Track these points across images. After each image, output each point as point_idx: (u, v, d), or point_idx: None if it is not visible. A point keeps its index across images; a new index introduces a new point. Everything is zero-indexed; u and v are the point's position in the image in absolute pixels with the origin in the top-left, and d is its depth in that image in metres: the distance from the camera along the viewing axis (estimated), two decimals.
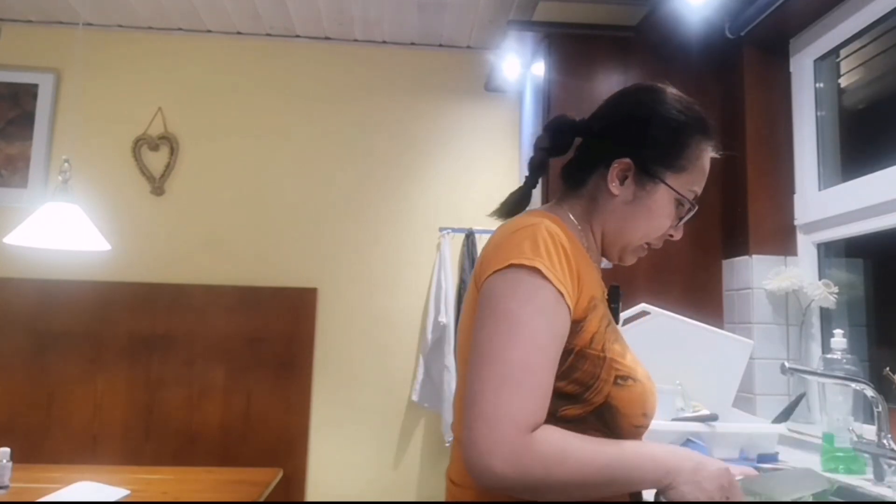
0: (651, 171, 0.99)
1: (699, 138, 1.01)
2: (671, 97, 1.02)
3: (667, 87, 1.04)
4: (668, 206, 1.01)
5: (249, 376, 2.94)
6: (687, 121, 1.01)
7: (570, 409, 0.90)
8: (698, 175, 1.02)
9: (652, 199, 1.00)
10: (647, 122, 1.00)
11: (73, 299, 2.92)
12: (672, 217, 1.02)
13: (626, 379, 0.93)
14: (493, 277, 0.89)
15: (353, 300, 3.07)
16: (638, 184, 1.00)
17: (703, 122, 1.02)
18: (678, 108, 1.01)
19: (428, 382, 2.95)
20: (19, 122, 3.02)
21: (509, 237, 0.92)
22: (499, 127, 3.19)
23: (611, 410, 0.91)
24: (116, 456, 2.82)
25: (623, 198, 1.00)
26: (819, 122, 2.15)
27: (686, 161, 1.00)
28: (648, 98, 1.03)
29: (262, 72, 3.15)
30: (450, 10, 2.87)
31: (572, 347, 0.90)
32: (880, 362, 1.82)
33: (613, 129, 1.03)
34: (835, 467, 1.58)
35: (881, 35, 1.93)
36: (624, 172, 1.00)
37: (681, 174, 1.00)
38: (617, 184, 1.00)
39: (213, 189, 3.08)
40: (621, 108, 1.05)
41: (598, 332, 0.93)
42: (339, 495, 2.95)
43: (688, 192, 1.01)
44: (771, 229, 2.15)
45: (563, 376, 0.90)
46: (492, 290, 0.89)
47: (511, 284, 0.87)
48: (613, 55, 2.38)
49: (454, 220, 3.09)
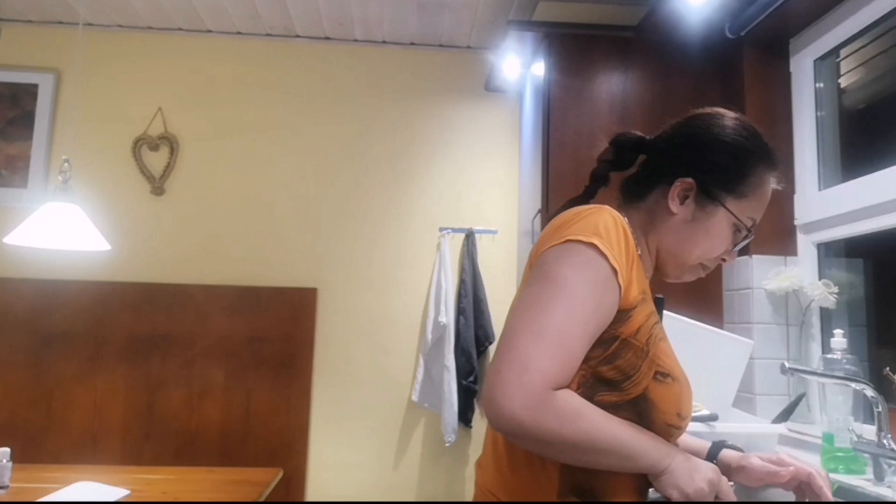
0: (712, 193, 1.01)
1: (763, 168, 1.03)
2: (737, 122, 1.04)
3: (738, 114, 1.07)
4: (726, 230, 1.03)
5: (249, 376, 2.94)
6: (752, 149, 1.03)
7: (608, 396, 0.91)
8: (758, 203, 1.04)
9: (710, 222, 1.02)
10: (713, 145, 1.03)
11: (73, 299, 2.92)
12: (728, 241, 1.04)
13: (666, 376, 0.94)
14: (549, 251, 0.92)
15: (353, 300, 3.07)
16: (698, 204, 1.02)
17: (769, 152, 1.04)
18: (745, 135, 1.03)
19: (428, 382, 2.95)
20: (19, 122, 3.02)
21: (570, 218, 0.95)
22: (499, 127, 3.19)
23: (647, 402, 0.92)
24: (116, 456, 2.82)
25: (682, 217, 1.03)
26: (819, 122, 2.15)
27: (748, 188, 1.02)
28: (717, 122, 1.05)
29: (262, 72, 3.15)
30: (450, 10, 2.87)
31: (618, 335, 0.92)
32: (880, 362, 1.82)
33: (679, 149, 1.05)
34: (835, 467, 1.58)
35: (881, 35, 1.93)
36: (685, 192, 1.02)
37: (741, 200, 1.02)
38: (677, 202, 1.02)
39: (213, 189, 3.08)
40: (689, 129, 1.07)
41: (645, 325, 0.94)
42: (339, 495, 2.95)
43: (746, 219, 1.03)
44: (771, 229, 2.15)
45: (606, 361, 0.91)
46: (546, 260, 0.91)
47: (566, 255, 0.90)
48: (613, 55, 2.38)
49: (454, 220, 3.10)
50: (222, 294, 2.98)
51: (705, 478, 0.90)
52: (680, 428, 0.96)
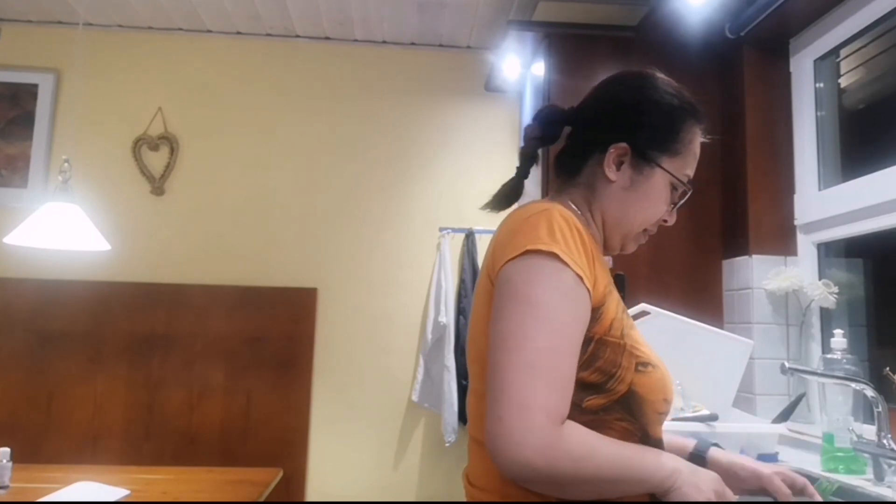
0: (647, 155, 1.00)
1: (691, 122, 1.02)
2: (662, 82, 1.03)
3: (656, 73, 1.05)
4: (665, 190, 1.02)
5: (249, 376, 2.94)
6: (680, 105, 1.02)
7: (595, 400, 0.89)
8: (691, 159, 1.03)
9: (649, 184, 1.00)
10: (641, 106, 1.01)
11: (73, 299, 2.92)
12: (667, 201, 1.03)
13: (647, 365, 0.92)
14: (510, 265, 0.87)
15: (353, 300, 3.07)
16: (635, 169, 1.00)
17: (695, 107, 1.03)
18: (670, 93, 1.02)
19: (428, 382, 2.95)
20: (19, 122, 3.02)
21: (522, 223, 0.90)
22: (499, 127, 3.19)
23: (635, 398, 0.90)
24: (116, 456, 2.82)
25: (621, 183, 1.00)
26: (819, 122, 2.15)
27: (680, 145, 1.01)
28: (640, 83, 1.04)
29: (262, 72, 3.15)
30: (450, 10, 2.87)
31: (592, 335, 0.89)
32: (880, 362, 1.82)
33: (607, 115, 1.04)
34: (835, 467, 1.58)
35: (881, 35, 1.93)
36: (620, 157, 1.00)
37: (675, 158, 1.01)
38: (614, 169, 1.00)
39: (213, 189, 3.08)
40: (613, 94, 1.06)
41: (616, 318, 0.92)
42: (339, 495, 2.95)
43: (682, 176, 1.02)
44: (771, 229, 2.15)
45: (585, 365, 0.88)
46: (510, 277, 0.87)
47: (530, 270, 0.85)
48: (613, 55, 2.38)
49: (454, 220, 3.10)
50: (222, 294, 2.98)
51: (712, 489, 0.89)
52: (667, 413, 0.96)
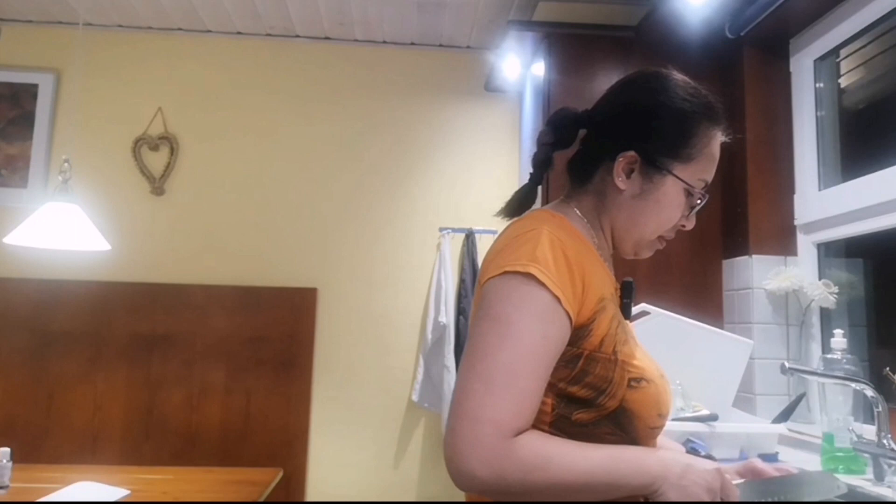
0: (657, 162, 0.96)
1: (707, 125, 0.97)
2: (675, 83, 0.99)
3: (671, 73, 1.01)
4: (678, 197, 0.97)
5: (249, 376, 2.94)
6: (693, 108, 0.97)
7: (584, 414, 0.89)
8: (707, 163, 0.98)
9: (660, 192, 0.96)
10: (652, 112, 0.97)
11: (73, 299, 2.92)
12: (683, 207, 0.98)
13: (640, 381, 0.90)
14: (490, 283, 0.88)
15: (353, 300, 3.07)
16: (645, 177, 0.96)
17: (711, 107, 0.98)
18: (683, 96, 0.97)
19: (428, 382, 2.95)
20: (19, 122, 3.02)
21: (510, 243, 0.90)
22: (499, 127, 3.19)
23: (626, 414, 0.89)
24: (116, 456, 2.82)
25: (630, 192, 0.97)
26: (819, 122, 2.15)
27: (694, 150, 0.96)
28: (652, 86, 0.99)
29: (262, 72, 3.15)
30: (450, 10, 2.87)
31: (581, 351, 0.89)
32: (880, 362, 1.82)
33: (617, 120, 0.99)
34: (835, 467, 1.57)
35: (881, 35, 1.93)
36: (629, 166, 0.97)
37: (689, 164, 0.96)
38: (623, 178, 0.97)
39: (213, 189, 3.08)
40: (624, 97, 1.02)
41: (608, 334, 0.90)
42: (339, 495, 2.95)
43: (697, 182, 0.98)
44: (771, 229, 2.15)
45: (574, 380, 0.89)
46: (486, 294, 0.88)
47: (505, 289, 0.86)
48: (613, 55, 2.38)
49: (454, 220, 3.10)
50: (222, 294, 2.98)
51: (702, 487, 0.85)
52: (661, 427, 0.94)
